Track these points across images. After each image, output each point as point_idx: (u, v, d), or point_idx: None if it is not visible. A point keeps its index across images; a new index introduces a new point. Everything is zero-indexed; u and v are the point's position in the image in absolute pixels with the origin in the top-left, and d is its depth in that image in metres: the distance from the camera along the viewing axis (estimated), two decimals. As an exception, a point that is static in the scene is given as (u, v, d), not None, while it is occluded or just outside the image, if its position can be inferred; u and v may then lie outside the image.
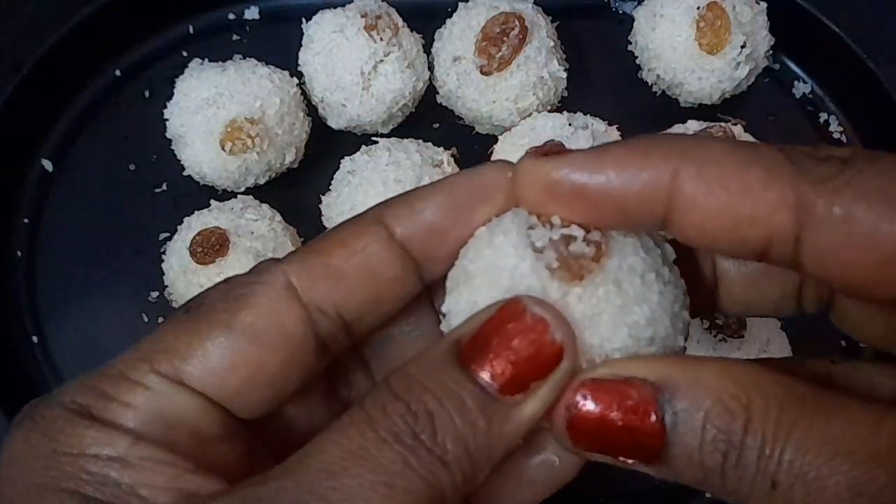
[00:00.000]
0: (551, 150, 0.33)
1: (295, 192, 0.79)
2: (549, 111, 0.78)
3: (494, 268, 0.33)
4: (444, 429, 0.30)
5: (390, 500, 0.28)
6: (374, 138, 0.77)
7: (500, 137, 0.77)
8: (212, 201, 0.75)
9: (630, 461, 0.30)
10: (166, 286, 0.74)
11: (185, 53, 0.84)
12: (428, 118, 0.82)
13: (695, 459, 0.29)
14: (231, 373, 0.33)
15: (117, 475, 0.30)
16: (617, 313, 0.31)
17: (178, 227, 0.74)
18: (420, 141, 0.76)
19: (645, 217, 0.32)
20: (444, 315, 0.35)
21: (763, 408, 0.28)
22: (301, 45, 0.79)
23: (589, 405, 0.30)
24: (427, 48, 0.81)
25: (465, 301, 0.33)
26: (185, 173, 0.77)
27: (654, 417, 0.29)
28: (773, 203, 0.30)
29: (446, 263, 0.35)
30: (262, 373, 0.33)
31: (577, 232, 0.32)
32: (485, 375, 0.30)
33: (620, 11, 0.87)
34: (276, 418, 0.37)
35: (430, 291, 0.38)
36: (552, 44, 0.78)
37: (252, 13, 0.86)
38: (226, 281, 0.35)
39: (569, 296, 0.32)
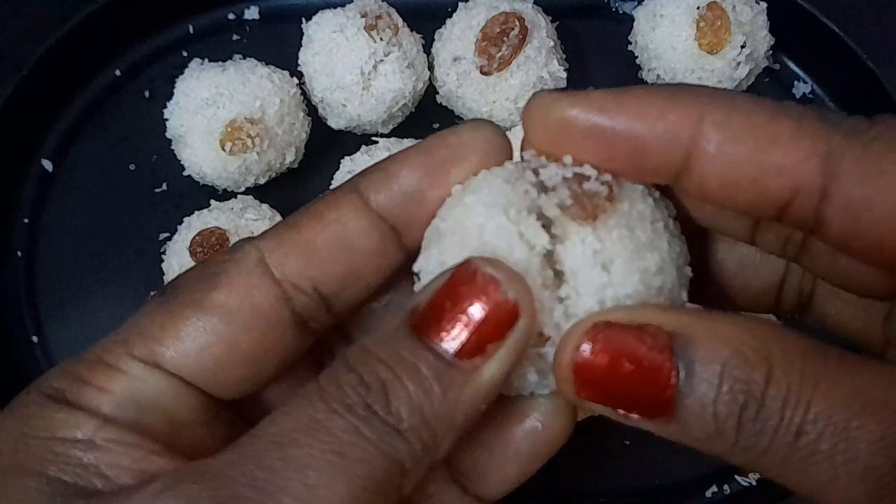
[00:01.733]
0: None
1: (295, 192, 0.79)
2: (549, 111, 0.78)
3: (463, 227, 0.32)
4: (398, 398, 0.29)
5: (340, 468, 0.28)
6: (374, 138, 0.77)
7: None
8: (212, 201, 0.75)
9: (634, 415, 0.29)
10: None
11: (185, 53, 0.84)
12: (428, 118, 0.82)
13: (708, 411, 0.28)
14: (205, 353, 0.32)
15: (82, 456, 0.30)
16: (630, 258, 0.30)
17: (178, 227, 0.74)
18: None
19: (662, 163, 0.31)
20: (416, 275, 0.34)
21: (785, 360, 0.28)
22: (301, 45, 0.79)
23: (600, 349, 0.29)
24: (427, 48, 0.81)
25: (434, 261, 0.32)
26: (185, 173, 0.77)
27: (668, 366, 0.28)
28: (802, 153, 0.29)
29: (426, 229, 0.34)
30: (237, 351, 0.33)
31: (590, 171, 0.31)
32: (439, 342, 0.30)
33: (620, 11, 0.87)
34: (262, 401, 0.36)
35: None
36: (552, 44, 0.78)
37: (252, 13, 0.86)
38: (202, 262, 0.35)
39: (572, 238, 0.30)
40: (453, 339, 0.30)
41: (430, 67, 0.81)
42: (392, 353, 0.30)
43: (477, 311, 0.30)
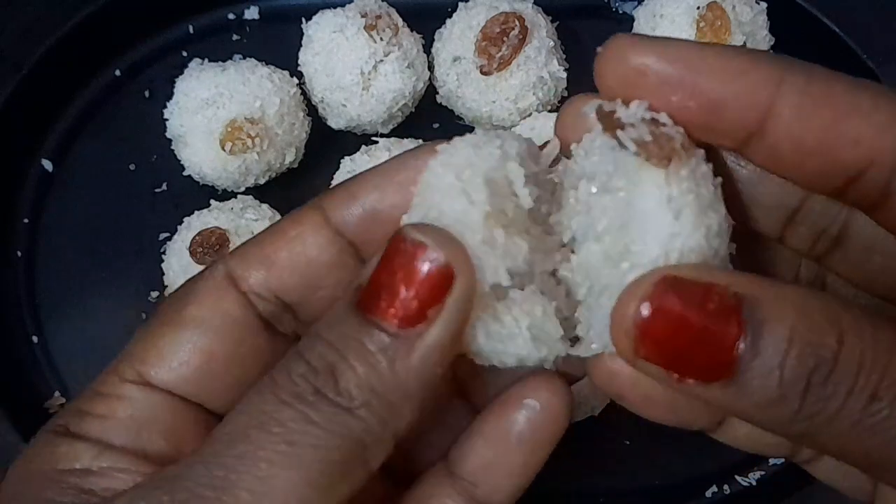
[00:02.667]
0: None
1: (295, 192, 0.79)
2: (549, 111, 0.78)
3: (422, 191, 0.32)
4: (345, 378, 0.30)
5: (291, 456, 0.29)
6: (374, 138, 0.77)
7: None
8: (212, 201, 0.75)
9: (689, 380, 0.28)
10: (166, 286, 0.74)
11: (185, 53, 0.84)
12: (428, 118, 0.82)
13: (774, 375, 0.27)
14: (186, 364, 0.34)
15: (81, 483, 0.32)
16: (697, 212, 0.29)
17: (178, 227, 0.74)
18: (420, 141, 0.76)
19: (737, 122, 0.30)
20: None
21: (856, 325, 0.27)
22: (301, 45, 0.79)
23: (669, 305, 0.28)
24: (427, 48, 0.81)
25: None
26: (185, 173, 0.77)
27: (735, 327, 0.27)
28: (881, 125, 0.29)
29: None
30: (215, 359, 0.34)
31: (665, 119, 0.31)
32: (382, 315, 0.30)
33: (620, 11, 0.87)
34: None
35: None
36: (552, 44, 0.78)
37: (252, 13, 0.86)
38: (182, 285, 0.37)
39: (644, 181, 0.30)
40: (394, 309, 0.30)
41: (430, 67, 0.81)
42: (338, 335, 0.31)
43: (408, 277, 0.30)
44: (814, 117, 0.30)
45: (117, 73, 0.84)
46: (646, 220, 0.30)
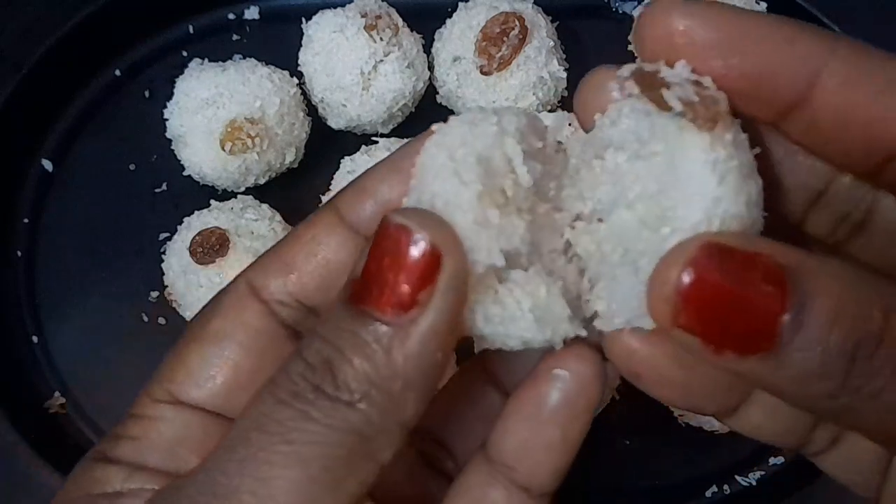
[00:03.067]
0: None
1: (295, 192, 0.79)
2: (549, 111, 0.78)
3: (419, 173, 0.32)
4: (343, 372, 0.30)
5: (291, 456, 0.29)
6: (374, 138, 0.77)
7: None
8: (212, 201, 0.75)
9: (727, 352, 0.27)
10: (166, 286, 0.74)
11: (185, 53, 0.84)
12: (428, 118, 0.81)
13: (817, 348, 0.26)
14: (213, 379, 0.34)
15: None
16: (739, 178, 0.29)
17: (178, 227, 0.74)
18: (420, 141, 0.76)
19: (781, 90, 0.30)
20: None
21: None
22: (301, 45, 0.79)
23: (712, 272, 0.27)
24: (427, 48, 0.81)
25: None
26: (185, 173, 0.77)
27: (779, 298, 0.26)
28: None
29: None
30: (242, 371, 0.34)
31: (709, 82, 0.30)
32: (373, 305, 0.30)
33: (620, 11, 0.87)
34: None
35: None
36: (552, 44, 0.78)
37: (252, 13, 0.86)
38: (209, 301, 0.37)
39: (688, 143, 0.29)
40: (385, 297, 0.29)
41: (430, 67, 0.81)
42: (333, 329, 0.30)
43: (396, 263, 0.29)
44: (859, 89, 0.29)
45: (117, 73, 0.84)
46: (688, 184, 0.29)
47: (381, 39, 0.76)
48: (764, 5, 0.78)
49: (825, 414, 0.29)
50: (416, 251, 0.29)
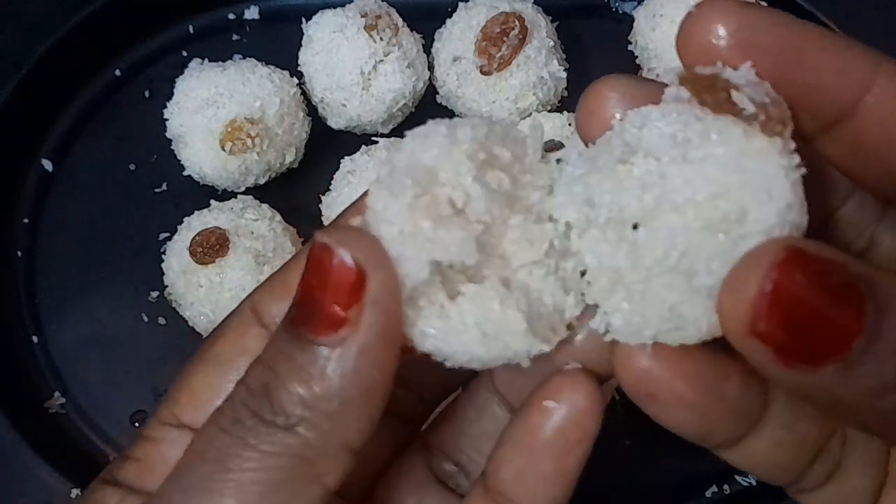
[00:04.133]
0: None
1: (295, 192, 0.79)
2: (549, 111, 0.78)
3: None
4: (278, 396, 0.30)
5: (226, 483, 0.29)
6: (374, 138, 0.77)
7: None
8: (212, 201, 0.75)
9: (797, 364, 0.26)
10: (166, 286, 0.74)
11: (185, 53, 0.84)
12: (428, 118, 0.81)
13: (894, 360, 0.26)
14: (213, 402, 0.34)
15: None
16: (799, 184, 0.28)
17: (178, 227, 0.74)
18: (420, 141, 0.76)
19: (830, 100, 0.29)
20: None
21: None
22: (301, 45, 0.79)
23: (795, 277, 0.26)
24: (427, 48, 0.81)
25: None
26: (185, 173, 0.77)
27: (857, 307, 0.26)
28: None
29: None
30: None
31: (769, 87, 0.29)
32: (308, 327, 0.30)
33: (620, 11, 0.87)
34: None
35: None
36: (552, 44, 0.78)
37: (252, 13, 0.86)
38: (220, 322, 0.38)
39: (762, 147, 0.28)
40: (317, 318, 0.29)
41: (430, 67, 0.81)
42: (273, 354, 0.31)
43: (321, 284, 0.29)
44: None
45: (117, 73, 0.84)
46: (760, 188, 0.28)
47: (381, 39, 0.76)
48: (764, 5, 0.78)
49: (887, 425, 0.28)
50: (338, 269, 0.29)
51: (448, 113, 0.81)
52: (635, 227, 0.30)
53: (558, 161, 0.34)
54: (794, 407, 0.33)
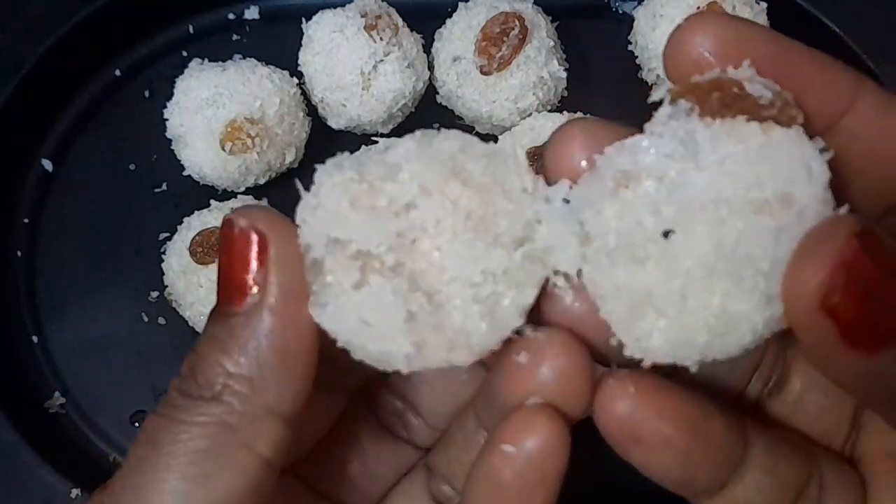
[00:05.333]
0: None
1: (295, 192, 0.79)
2: (549, 111, 0.78)
3: None
4: (203, 370, 0.31)
5: (156, 459, 0.30)
6: (374, 138, 0.77)
7: (499, 137, 0.77)
8: (212, 201, 0.75)
9: (863, 347, 0.26)
10: (166, 286, 0.74)
11: (185, 53, 0.84)
12: (428, 118, 0.82)
13: None
14: None
15: None
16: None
17: (178, 227, 0.74)
18: (420, 141, 0.76)
19: (819, 111, 0.30)
20: None
21: None
22: (301, 45, 0.79)
23: (873, 253, 0.26)
24: (427, 48, 0.81)
25: None
26: (185, 173, 0.77)
27: None
28: None
29: None
30: None
31: (770, 80, 0.30)
32: (225, 303, 0.31)
33: (620, 11, 0.87)
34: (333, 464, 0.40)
35: None
36: (552, 44, 0.78)
37: (252, 13, 0.86)
38: None
39: (778, 137, 0.29)
40: (230, 291, 0.31)
41: (430, 67, 0.81)
42: (201, 337, 0.32)
43: (230, 254, 0.31)
44: (890, 124, 0.29)
45: (117, 73, 0.84)
46: (799, 170, 0.28)
47: (381, 39, 0.76)
48: (764, 5, 0.78)
49: None
50: (240, 237, 0.31)
51: (448, 113, 0.81)
52: (666, 234, 0.30)
53: (538, 221, 0.33)
54: (773, 450, 0.33)
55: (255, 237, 0.31)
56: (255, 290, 0.31)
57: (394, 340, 0.31)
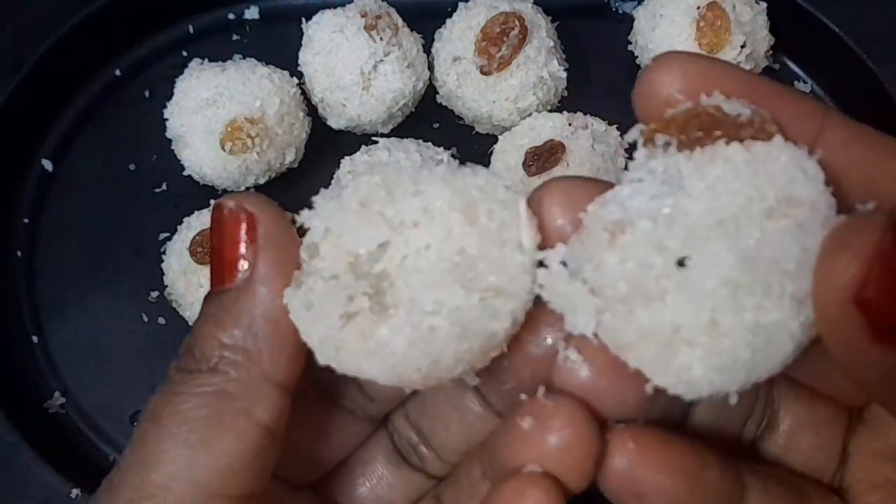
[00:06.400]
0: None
1: (295, 192, 0.79)
2: (549, 111, 0.78)
3: None
4: (199, 346, 0.32)
5: (158, 430, 0.31)
6: (374, 138, 0.77)
7: (499, 137, 0.77)
8: (212, 201, 0.74)
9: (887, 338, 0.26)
10: (166, 286, 0.74)
11: (185, 53, 0.84)
12: (428, 118, 0.82)
13: None
14: None
15: None
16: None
17: (178, 227, 0.74)
18: (420, 141, 0.76)
19: (792, 140, 0.30)
20: None
21: None
22: (301, 45, 0.79)
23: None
24: (427, 48, 0.81)
25: None
26: (185, 173, 0.77)
27: None
28: None
29: None
30: None
31: (744, 101, 0.31)
32: (218, 281, 0.33)
33: (620, 11, 0.87)
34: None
35: None
36: (552, 44, 0.78)
37: (252, 13, 0.86)
38: None
39: (767, 148, 0.29)
40: (224, 270, 0.33)
41: (430, 67, 0.80)
42: (197, 318, 0.34)
43: (220, 234, 0.33)
44: (856, 152, 0.30)
45: (117, 73, 0.84)
46: (794, 172, 0.29)
47: (381, 39, 0.76)
48: (764, 5, 0.78)
49: None
50: (230, 216, 0.33)
51: (448, 113, 0.81)
52: (681, 263, 0.29)
53: (540, 293, 0.32)
54: (768, 491, 0.34)
55: (244, 216, 0.33)
56: (245, 265, 0.32)
57: (405, 369, 0.31)
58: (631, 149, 0.32)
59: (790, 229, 0.28)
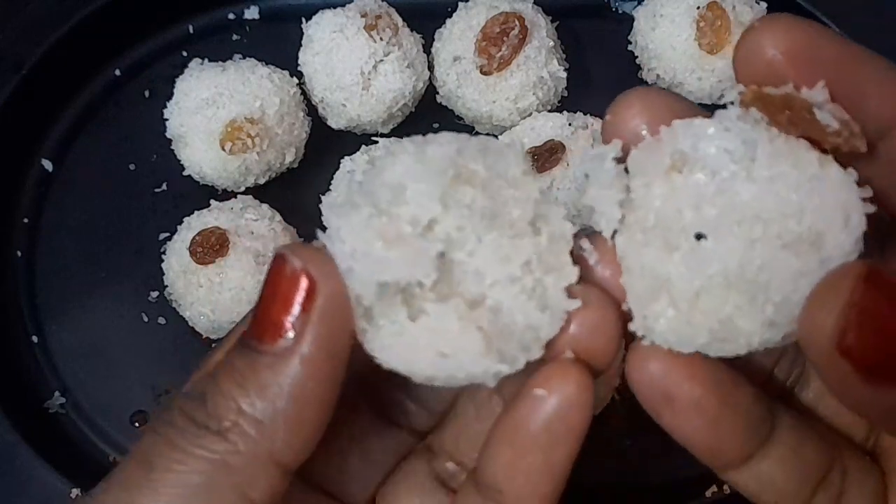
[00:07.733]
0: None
1: (295, 192, 0.79)
2: (549, 111, 0.78)
3: None
4: (215, 401, 0.30)
5: (153, 483, 0.29)
6: (374, 138, 0.77)
7: (500, 137, 0.77)
8: (212, 201, 0.75)
9: (888, 383, 0.27)
10: (166, 286, 0.74)
11: (185, 53, 0.84)
12: (428, 118, 0.82)
13: None
14: None
15: None
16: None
17: (178, 227, 0.74)
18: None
19: (873, 118, 0.30)
20: None
21: None
22: (301, 45, 0.79)
23: (883, 293, 0.27)
24: (427, 48, 0.81)
25: None
26: (185, 173, 0.77)
27: None
28: None
29: None
30: None
31: (840, 108, 0.30)
32: (257, 336, 0.30)
33: (620, 11, 0.87)
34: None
35: None
36: (552, 44, 0.78)
37: (252, 13, 0.86)
38: None
39: (832, 169, 0.29)
40: (265, 327, 0.30)
41: (430, 67, 0.81)
42: (218, 365, 0.31)
43: (274, 292, 0.30)
44: None
45: (117, 73, 0.84)
46: (838, 216, 0.29)
47: (381, 39, 0.76)
48: (764, 5, 0.78)
49: None
50: (290, 278, 0.29)
51: (448, 113, 0.81)
52: (698, 237, 0.30)
53: (587, 175, 0.33)
54: (799, 430, 0.34)
55: (304, 282, 0.29)
56: (290, 334, 0.29)
57: (477, 363, 0.30)
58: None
59: (795, 272, 0.29)
